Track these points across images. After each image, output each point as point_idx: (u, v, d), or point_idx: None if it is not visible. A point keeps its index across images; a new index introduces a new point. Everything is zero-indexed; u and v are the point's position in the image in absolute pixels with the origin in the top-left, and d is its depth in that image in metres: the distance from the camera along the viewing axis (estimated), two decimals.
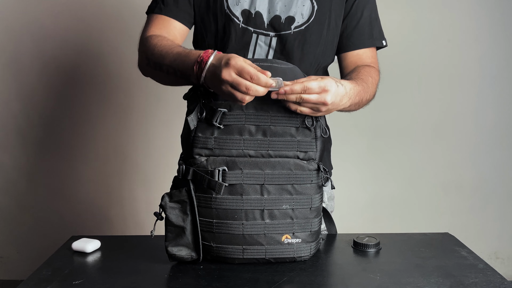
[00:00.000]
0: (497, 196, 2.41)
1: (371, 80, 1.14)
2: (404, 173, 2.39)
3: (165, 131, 2.31)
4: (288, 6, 1.14)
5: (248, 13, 1.14)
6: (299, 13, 1.14)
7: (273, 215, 0.94)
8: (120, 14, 2.25)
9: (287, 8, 1.14)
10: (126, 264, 1.00)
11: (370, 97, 1.14)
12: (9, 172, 2.38)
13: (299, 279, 0.91)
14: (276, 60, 0.97)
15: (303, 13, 1.14)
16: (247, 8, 1.14)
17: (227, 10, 1.14)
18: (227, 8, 1.14)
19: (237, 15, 1.14)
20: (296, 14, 1.14)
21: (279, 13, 1.14)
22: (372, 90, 1.14)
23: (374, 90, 1.16)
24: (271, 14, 1.14)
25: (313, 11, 1.14)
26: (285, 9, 1.14)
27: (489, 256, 2.44)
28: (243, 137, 0.95)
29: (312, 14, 1.15)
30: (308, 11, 1.14)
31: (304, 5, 1.14)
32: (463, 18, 2.30)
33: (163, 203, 0.97)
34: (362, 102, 1.09)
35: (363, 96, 1.08)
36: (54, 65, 2.30)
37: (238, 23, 1.13)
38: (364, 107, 1.15)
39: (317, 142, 0.97)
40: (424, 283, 0.90)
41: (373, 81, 1.16)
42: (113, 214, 2.40)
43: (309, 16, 1.14)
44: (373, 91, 1.15)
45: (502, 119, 2.37)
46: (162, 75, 1.07)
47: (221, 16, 1.14)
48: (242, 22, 1.13)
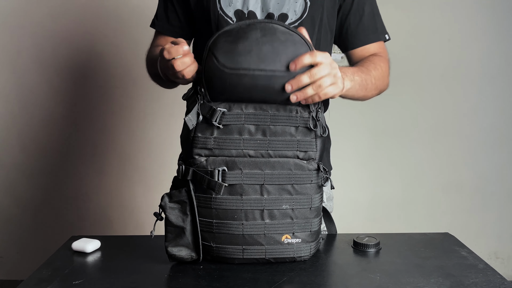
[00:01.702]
0: (497, 196, 2.41)
1: (371, 65, 1.15)
2: (404, 173, 2.39)
3: (165, 131, 2.31)
4: (281, 3, 1.14)
5: (241, 13, 1.14)
6: (292, 10, 1.14)
7: (273, 215, 0.94)
8: (120, 14, 2.25)
9: (280, 5, 1.14)
10: (126, 264, 1.00)
11: (376, 81, 1.14)
12: (9, 172, 2.38)
13: (299, 279, 0.91)
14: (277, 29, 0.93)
15: (296, 10, 1.14)
16: (240, 8, 1.14)
17: (220, 11, 1.14)
18: (220, 9, 1.14)
19: (230, 15, 1.14)
20: (289, 11, 1.14)
21: (272, 11, 1.14)
22: (376, 74, 1.15)
23: (378, 75, 1.16)
24: (264, 13, 1.14)
25: (306, 8, 1.15)
26: (278, 7, 1.14)
27: (489, 256, 2.44)
28: (242, 137, 0.94)
29: (305, 11, 1.15)
30: (301, 7, 1.15)
31: (296, 2, 1.14)
32: (463, 18, 2.30)
33: (162, 203, 0.97)
34: (365, 85, 1.10)
35: (363, 77, 1.09)
36: (54, 65, 2.30)
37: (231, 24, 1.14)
38: (375, 94, 1.17)
39: (317, 141, 0.96)
40: (424, 283, 0.90)
41: (377, 67, 1.16)
42: (113, 214, 2.40)
43: (302, 12, 1.15)
44: (376, 75, 1.15)
45: (502, 119, 2.37)
46: (158, 80, 1.22)
47: (214, 17, 1.15)
48: (235, 22, 1.13)
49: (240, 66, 0.90)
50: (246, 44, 0.90)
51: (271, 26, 0.91)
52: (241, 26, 0.92)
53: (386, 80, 1.21)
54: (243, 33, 0.91)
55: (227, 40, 0.91)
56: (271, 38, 0.90)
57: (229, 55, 0.90)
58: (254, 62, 0.90)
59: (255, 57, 0.89)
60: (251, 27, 0.91)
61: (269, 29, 0.91)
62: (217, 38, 0.92)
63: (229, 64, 0.90)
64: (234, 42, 0.90)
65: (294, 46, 0.91)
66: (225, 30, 0.92)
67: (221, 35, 0.92)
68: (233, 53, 0.90)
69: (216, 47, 0.91)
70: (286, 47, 0.90)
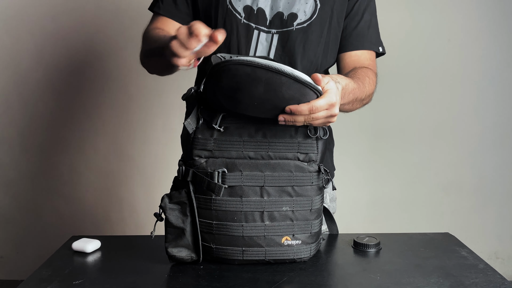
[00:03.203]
0: (497, 196, 2.41)
1: (368, 80, 1.13)
2: (404, 173, 2.38)
3: (165, 131, 2.31)
4: (291, 3, 1.14)
5: (250, 10, 1.14)
6: (302, 10, 1.14)
7: (273, 217, 0.94)
8: (120, 14, 2.25)
9: (290, 5, 1.14)
10: (126, 264, 1.00)
11: (365, 97, 1.12)
12: (9, 172, 2.38)
13: (299, 279, 0.91)
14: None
15: (305, 11, 1.14)
16: (249, 5, 1.15)
17: (229, 6, 1.14)
18: (229, 3, 1.14)
19: (239, 10, 1.14)
20: (299, 11, 1.14)
21: (281, 10, 1.14)
22: (368, 91, 1.13)
23: (370, 91, 1.15)
24: (274, 11, 1.14)
25: (316, 9, 1.15)
26: (288, 6, 1.14)
27: (489, 256, 2.44)
28: (242, 138, 0.94)
29: (314, 12, 1.15)
30: (311, 8, 1.15)
31: (307, 3, 1.14)
32: (463, 18, 2.29)
33: (162, 204, 0.97)
34: (356, 101, 1.08)
35: (358, 95, 1.07)
36: (54, 65, 2.30)
37: (240, 19, 1.14)
38: (359, 108, 1.14)
39: (318, 143, 0.96)
40: (424, 283, 0.90)
41: (370, 82, 1.15)
42: (113, 214, 2.40)
43: (311, 13, 1.15)
44: (369, 91, 1.14)
45: (502, 119, 2.37)
46: (152, 61, 1.12)
47: (222, 11, 1.15)
48: (244, 18, 1.14)
49: (240, 112, 0.90)
50: (248, 98, 0.85)
51: (277, 79, 0.83)
52: (246, 71, 0.83)
53: (371, 96, 1.19)
54: (247, 85, 0.84)
55: (229, 83, 0.85)
56: (274, 94, 0.84)
57: (230, 100, 0.88)
58: (255, 112, 0.89)
59: (256, 111, 0.88)
60: (256, 80, 0.83)
61: (274, 84, 0.83)
62: (220, 75, 0.86)
63: (229, 105, 0.89)
64: (236, 91, 0.85)
65: (298, 103, 0.85)
66: (229, 69, 0.84)
67: (225, 74, 0.85)
68: (234, 101, 0.87)
69: (218, 86, 0.87)
70: (289, 105, 0.85)
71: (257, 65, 0.83)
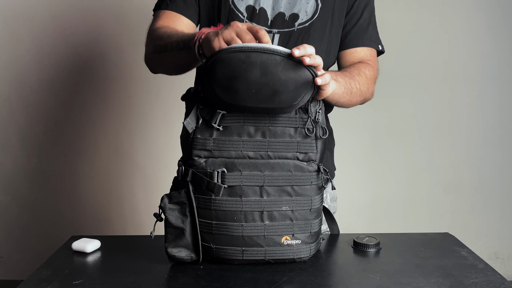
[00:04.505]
0: (497, 196, 2.41)
1: (357, 72, 1.13)
2: (404, 173, 2.39)
3: (165, 131, 2.31)
4: (292, 3, 1.15)
5: (253, 9, 1.15)
6: (303, 10, 1.15)
7: (272, 217, 0.94)
8: (120, 14, 2.25)
9: (291, 5, 1.15)
10: (126, 264, 1.00)
11: (358, 90, 1.11)
12: (9, 172, 2.38)
13: (299, 279, 0.91)
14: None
15: (307, 11, 1.15)
16: (251, 4, 1.15)
17: (232, 6, 1.15)
18: (232, 3, 1.15)
19: (242, 10, 1.14)
20: (300, 11, 1.15)
21: (283, 10, 1.15)
22: (360, 83, 1.12)
23: (363, 83, 1.14)
24: (275, 11, 1.15)
25: (317, 9, 1.15)
26: (289, 6, 1.15)
27: (489, 256, 2.44)
28: (242, 138, 0.94)
29: (316, 12, 1.15)
30: (312, 8, 1.15)
31: (308, 3, 1.15)
32: (463, 18, 2.30)
33: (162, 204, 0.97)
34: (348, 92, 1.07)
35: (352, 84, 1.07)
36: (54, 65, 2.30)
37: (242, 19, 1.14)
38: (356, 102, 1.14)
39: (317, 143, 0.96)
40: (424, 283, 0.90)
41: (362, 75, 1.14)
42: (113, 214, 2.40)
43: (313, 13, 1.15)
44: (361, 84, 1.13)
45: (502, 119, 2.37)
46: (166, 57, 1.09)
47: (225, 11, 1.15)
48: (246, 18, 1.14)
49: (238, 104, 0.89)
50: (245, 85, 0.85)
51: (272, 60, 0.83)
52: (240, 58, 0.84)
53: (371, 88, 1.19)
54: (243, 71, 0.84)
55: (225, 73, 0.85)
56: (271, 77, 0.84)
57: (227, 91, 0.88)
58: (253, 101, 0.88)
59: (254, 98, 0.87)
60: (251, 65, 0.83)
61: (270, 66, 0.83)
62: (215, 66, 0.86)
63: (227, 98, 0.89)
64: (232, 79, 0.85)
65: (295, 84, 0.86)
66: (223, 59, 0.85)
67: (219, 65, 0.85)
68: (231, 91, 0.87)
69: (214, 78, 0.87)
70: (287, 87, 0.86)
71: (250, 49, 0.83)
